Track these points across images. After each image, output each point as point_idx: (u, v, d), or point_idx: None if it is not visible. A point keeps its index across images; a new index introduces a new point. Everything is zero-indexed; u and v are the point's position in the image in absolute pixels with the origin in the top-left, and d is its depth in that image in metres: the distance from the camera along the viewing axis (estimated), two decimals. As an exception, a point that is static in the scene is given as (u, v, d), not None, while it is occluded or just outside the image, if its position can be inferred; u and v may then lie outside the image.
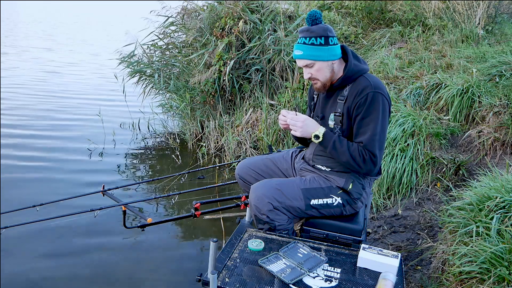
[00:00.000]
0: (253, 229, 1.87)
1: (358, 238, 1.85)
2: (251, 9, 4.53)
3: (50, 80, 7.86)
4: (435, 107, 3.39)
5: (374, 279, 1.52)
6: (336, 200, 1.85)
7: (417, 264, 2.31)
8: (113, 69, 5.16)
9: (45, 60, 9.94)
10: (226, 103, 4.69)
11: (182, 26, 5.01)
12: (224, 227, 3.04)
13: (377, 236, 2.67)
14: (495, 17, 5.24)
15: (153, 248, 2.80)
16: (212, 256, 1.40)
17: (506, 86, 3.23)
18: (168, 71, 4.92)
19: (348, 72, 1.77)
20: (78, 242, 2.80)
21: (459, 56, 4.15)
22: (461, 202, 2.22)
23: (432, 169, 2.94)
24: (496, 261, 1.76)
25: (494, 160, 2.81)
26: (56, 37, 14.66)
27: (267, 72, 4.47)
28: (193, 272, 2.31)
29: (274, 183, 1.85)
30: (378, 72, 4.19)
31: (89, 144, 4.60)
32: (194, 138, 4.75)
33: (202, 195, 3.23)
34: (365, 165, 1.75)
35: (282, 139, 4.01)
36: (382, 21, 5.90)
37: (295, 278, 1.47)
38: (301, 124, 1.78)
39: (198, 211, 2.03)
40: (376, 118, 1.72)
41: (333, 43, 1.76)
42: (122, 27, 7.56)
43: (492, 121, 2.98)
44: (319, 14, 1.74)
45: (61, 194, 3.28)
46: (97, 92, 7.21)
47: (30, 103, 6.18)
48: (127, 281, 2.46)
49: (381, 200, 2.95)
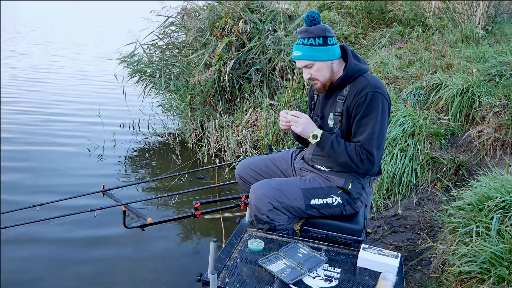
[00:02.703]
0: (253, 229, 1.86)
1: (358, 238, 1.84)
2: (251, 9, 4.53)
3: (50, 80, 7.87)
4: (435, 107, 3.39)
5: (374, 279, 1.51)
6: (336, 200, 1.85)
7: (417, 264, 2.31)
8: (113, 69, 5.16)
9: (45, 60, 9.95)
10: (226, 103, 4.69)
11: (182, 26, 5.01)
12: (224, 227, 3.04)
13: (377, 236, 2.67)
14: (495, 17, 5.24)
15: (153, 248, 2.80)
16: (212, 256, 1.40)
17: (506, 86, 3.23)
18: (168, 71, 4.93)
19: (348, 72, 1.77)
20: (78, 242, 2.80)
21: (459, 56, 4.14)
22: (461, 202, 2.22)
23: (432, 169, 2.94)
24: (496, 261, 1.76)
25: (494, 160, 2.81)
26: (56, 37, 14.66)
27: (267, 72, 4.47)
28: (193, 272, 2.31)
29: (274, 183, 1.85)
30: (378, 72, 4.19)
31: (89, 144, 4.60)
32: (194, 138, 4.76)
33: (202, 195, 3.23)
34: (362, 165, 1.75)
35: (282, 139, 4.01)
36: (382, 21, 5.90)
37: (295, 278, 1.47)
38: (304, 121, 1.80)
39: (198, 211, 2.03)
40: (375, 118, 1.72)
41: (332, 43, 1.76)
42: (122, 27, 7.56)
43: (492, 121, 2.98)
44: (317, 14, 1.74)
45: (61, 194, 3.28)
46: (97, 92, 7.21)
47: (29, 103, 6.18)
48: (127, 281, 2.46)
49: (381, 200, 2.95)
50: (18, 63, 9.27)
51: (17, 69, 8.58)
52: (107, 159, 4.32)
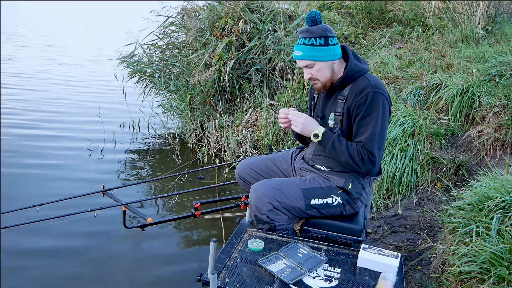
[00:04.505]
0: (253, 229, 1.86)
1: (358, 238, 1.84)
2: (251, 9, 4.53)
3: (50, 80, 7.86)
4: (435, 107, 3.39)
5: (374, 279, 1.52)
6: (336, 200, 1.85)
7: (417, 264, 2.31)
8: (113, 69, 5.16)
9: (45, 60, 9.94)
10: (226, 103, 4.69)
11: (182, 26, 5.01)
12: (224, 227, 3.04)
13: (377, 236, 2.67)
14: (495, 17, 5.24)
15: (153, 248, 2.80)
16: (212, 256, 1.40)
17: (506, 86, 3.23)
18: (168, 71, 4.93)
19: (348, 72, 1.77)
20: (78, 242, 2.80)
21: (459, 56, 4.14)
22: (461, 202, 2.22)
23: (432, 169, 2.94)
24: (496, 261, 1.76)
25: (494, 160, 2.81)
26: (56, 36, 14.66)
27: (267, 72, 4.47)
28: (193, 272, 2.32)
29: (274, 183, 1.85)
30: (378, 72, 4.19)
31: (89, 144, 4.60)
32: (194, 138, 4.76)
33: (202, 195, 3.23)
34: (364, 165, 1.75)
35: (282, 139, 4.01)
36: (382, 21, 5.90)
37: (295, 278, 1.47)
38: (303, 120, 1.80)
39: (198, 211, 2.04)
40: (375, 118, 1.73)
41: (333, 43, 1.76)
42: (122, 27, 7.55)
43: (492, 121, 2.98)
44: (318, 14, 1.74)
45: (61, 194, 3.28)
46: (97, 92, 7.21)
47: (29, 103, 6.18)
48: (127, 281, 2.46)
49: (381, 200, 2.95)
50: (16, 62, 9.26)
51: (16, 68, 8.58)
52: (107, 159, 4.32)
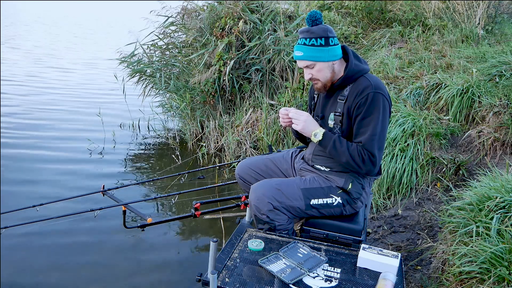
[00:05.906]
0: (253, 229, 1.87)
1: (358, 238, 1.85)
2: (251, 9, 4.53)
3: (50, 80, 7.86)
4: (435, 107, 3.39)
5: (374, 279, 1.52)
6: (336, 200, 1.85)
7: (417, 264, 2.31)
8: (113, 69, 5.16)
9: (45, 60, 9.94)
10: (226, 103, 4.69)
11: (182, 26, 5.01)
12: (224, 227, 3.04)
13: (377, 236, 2.67)
14: (495, 17, 5.24)
15: (153, 248, 2.80)
16: (212, 256, 1.40)
17: (506, 86, 3.23)
18: (168, 71, 4.92)
19: (348, 72, 1.77)
20: (78, 242, 2.80)
21: (459, 56, 4.14)
22: (461, 202, 2.22)
23: (432, 169, 2.94)
24: (496, 261, 1.76)
25: (494, 160, 2.81)
26: (55, 36, 14.66)
27: (267, 72, 4.47)
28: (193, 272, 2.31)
29: (274, 183, 1.85)
30: (378, 72, 4.19)
31: (89, 144, 4.60)
32: (194, 138, 4.76)
33: (202, 195, 3.23)
34: (364, 165, 1.75)
35: (282, 139, 4.01)
36: (382, 21, 5.90)
37: (295, 278, 1.47)
38: (304, 118, 1.80)
39: (198, 211, 2.04)
40: (376, 118, 1.72)
41: (334, 44, 1.76)
42: (122, 27, 7.55)
43: (492, 121, 2.98)
44: (319, 14, 1.74)
45: (61, 194, 3.29)
46: (97, 92, 7.21)
47: (29, 103, 6.18)
48: (127, 281, 2.46)
49: (381, 200, 2.95)
50: (16, 62, 9.27)
51: (16, 68, 8.58)
52: (107, 159, 4.32)
